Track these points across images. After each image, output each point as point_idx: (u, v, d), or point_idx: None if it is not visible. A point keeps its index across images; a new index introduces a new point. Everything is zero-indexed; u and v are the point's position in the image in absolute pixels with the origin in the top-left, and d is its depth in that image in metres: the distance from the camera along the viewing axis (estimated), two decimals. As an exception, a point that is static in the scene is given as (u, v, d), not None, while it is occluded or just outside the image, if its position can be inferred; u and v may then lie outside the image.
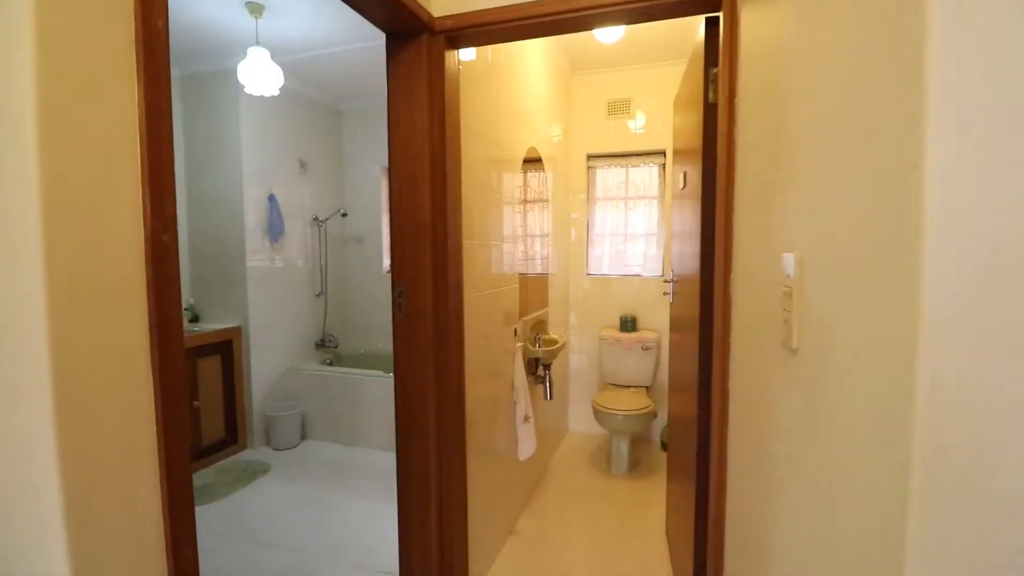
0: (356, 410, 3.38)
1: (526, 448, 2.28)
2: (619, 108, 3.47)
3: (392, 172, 1.66)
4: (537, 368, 2.63)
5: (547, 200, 3.09)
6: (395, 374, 1.72)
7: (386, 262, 4.17)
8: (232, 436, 3.29)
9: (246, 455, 3.28)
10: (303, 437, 3.52)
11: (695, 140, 1.62)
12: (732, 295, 1.25)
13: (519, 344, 2.37)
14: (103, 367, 0.72)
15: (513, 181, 2.46)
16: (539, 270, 2.98)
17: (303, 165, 3.76)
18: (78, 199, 0.68)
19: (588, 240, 3.65)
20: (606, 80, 3.48)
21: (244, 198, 3.27)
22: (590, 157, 3.59)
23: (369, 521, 2.46)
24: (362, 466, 3.12)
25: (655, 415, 2.96)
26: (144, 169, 0.74)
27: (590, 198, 3.64)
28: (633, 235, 3.57)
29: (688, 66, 1.78)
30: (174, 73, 3.32)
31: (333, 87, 3.81)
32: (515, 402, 2.27)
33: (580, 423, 3.65)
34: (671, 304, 2.15)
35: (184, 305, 3.32)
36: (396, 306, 1.65)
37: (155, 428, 0.80)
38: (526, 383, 2.31)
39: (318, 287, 3.92)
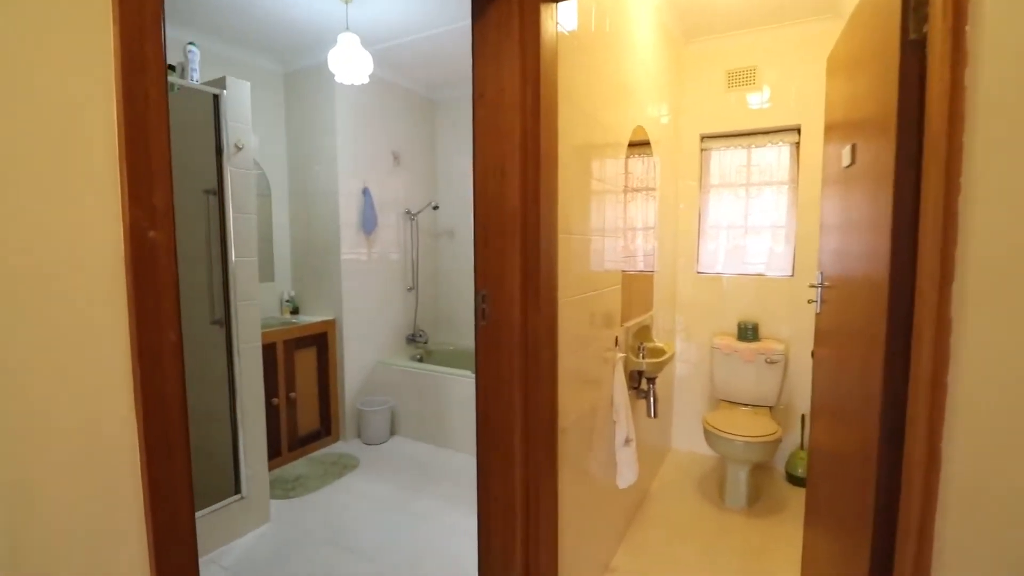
0: (445, 410, 3.27)
1: (627, 475, 1.98)
2: (741, 79, 2.98)
3: (477, 153, 1.43)
4: (640, 381, 2.30)
5: (653, 188, 2.71)
6: (477, 389, 1.51)
7: (477, 256, 4.02)
8: (326, 428, 3.33)
9: (338, 447, 3.31)
10: (392, 432, 3.49)
11: (871, 104, 1.21)
12: (953, 314, 0.85)
13: (620, 355, 2.06)
14: (53, 416, 0.52)
15: (616, 166, 2.13)
16: (642, 267, 2.62)
17: (396, 157, 3.71)
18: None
19: (700, 233, 3.20)
20: (726, 47, 3.00)
21: (339, 191, 3.27)
22: (704, 138, 3.13)
23: (452, 536, 2.30)
24: (449, 470, 2.99)
25: (780, 441, 2.49)
26: (121, 145, 0.55)
27: (703, 185, 3.19)
28: (756, 228, 3.07)
29: (857, 8, 1.36)
30: (277, 69, 3.40)
31: (425, 75, 3.70)
32: (614, 422, 1.97)
33: (685, 440, 3.24)
34: (818, 313, 1.71)
35: (286, 297, 3.41)
36: (479, 313, 1.42)
37: (141, 499, 0.59)
38: (628, 400, 2.00)
39: (409, 281, 3.87)
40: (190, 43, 2.40)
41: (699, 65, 3.08)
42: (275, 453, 2.98)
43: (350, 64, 2.44)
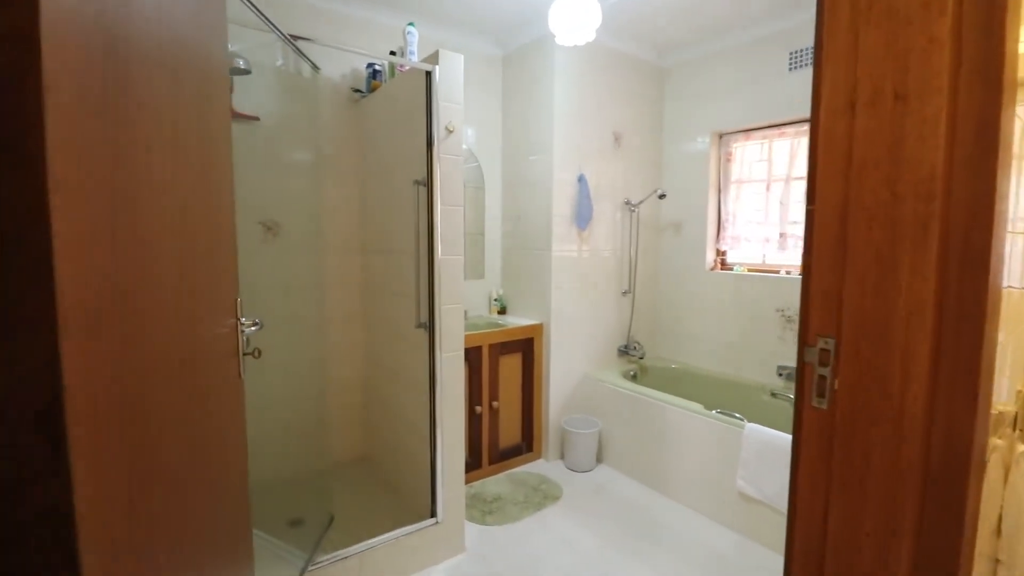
0: (663, 447, 2.64)
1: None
2: None
3: (825, 62, 0.77)
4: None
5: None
6: (790, 525, 0.87)
7: (709, 256, 3.25)
8: (528, 443, 3.01)
9: (540, 467, 2.96)
10: (599, 459, 3.01)
11: None
12: None
13: None
14: None
15: None
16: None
17: (617, 138, 3.17)
18: None
19: None
20: None
21: (553, 179, 2.88)
22: None
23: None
24: (670, 527, 2.37)
25: None
26: None
27: None
28: None
29: None
30: (495, 53, 3.17)
31: (657, 35, 3.07)
32: None
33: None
34: None
35: (494, 296, 3.19)
36: (806, 381, 0.78)
37: None
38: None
39: (625, 283, 3.31)
40: (409, 24, 2.24)
41: None
42: (475, 465, 2.77)
43: (573, 18, 1.98)
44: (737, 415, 2.48)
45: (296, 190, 2.54)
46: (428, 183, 1.94)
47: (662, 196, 3.11)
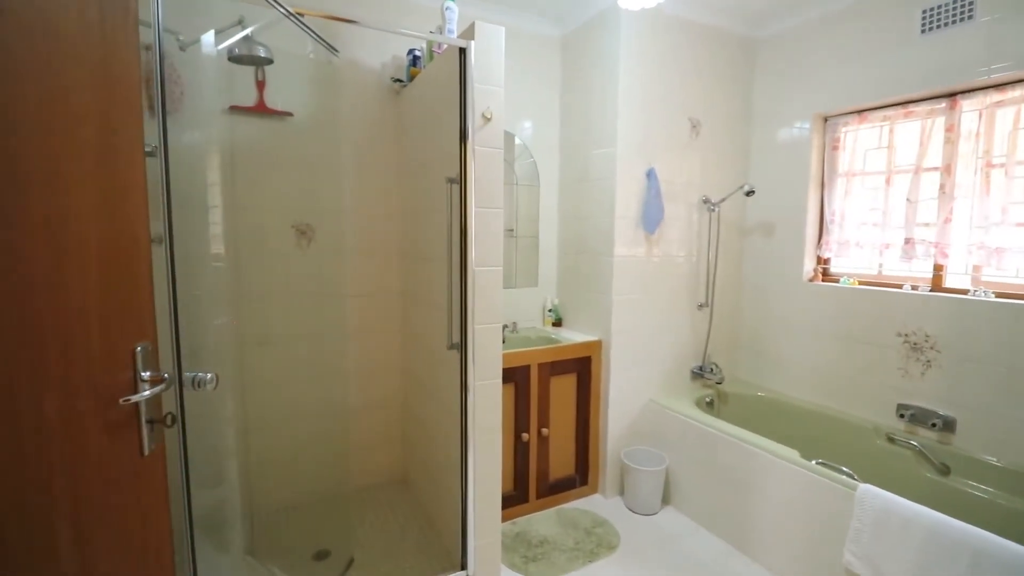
0: (748, 497, 2.18)
1: None
2: None
3: None
4: None
5: None
6: None
7: (808, 264, 2.71)
8: (582, 475, 2.65)
9: (595, 504, 2.59)
10: (665, 501, 2.59)
11: None
12: None
13: None
14: None
15: None
16: None
17: (695, 126, 2.72)
18: None
19: None
20: None
21: (617, 173, 2.50)
22: None
23: None
24: (752, 600, 1.92)
25: None
26: None
27: None
28: None
29: None
30: (553, 33, 2.83)
31: (743, 2, 2.58)
32: None
33: None
34: None
35: (548, 306, 2.86)
36: None
37: None
38: None
39: (701, 295, 2.85)
40: (447, 2, 1.96)
41: None
42: (521, 499, 2.45)
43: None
44: (845, 469, 1.98)
45: (332, 191, 2.35)
46: (461, 181, 1.64)
47: (750, 193, 2.62)
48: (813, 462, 2.00)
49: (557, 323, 2.92)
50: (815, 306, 2.65)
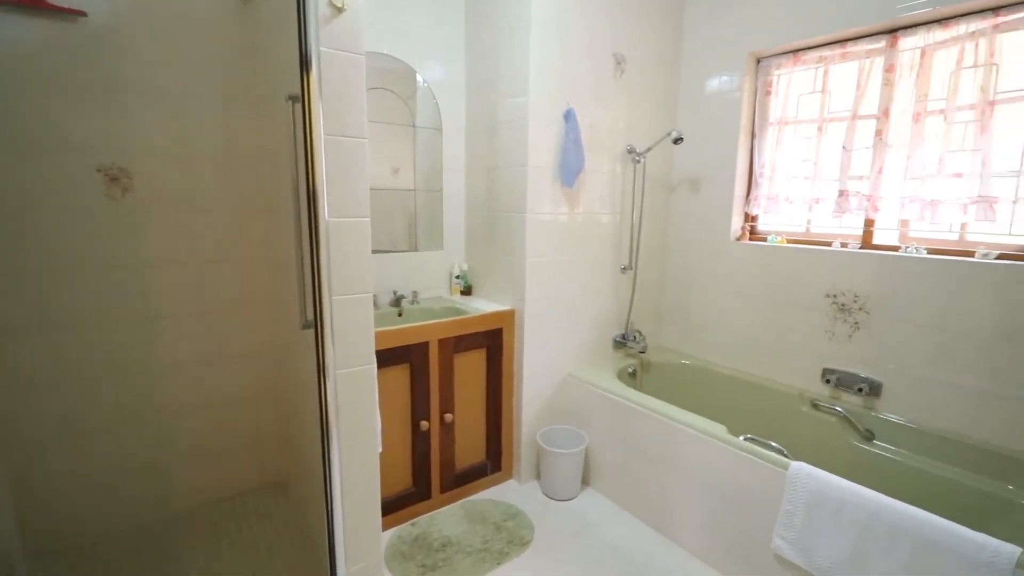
0: (672, 476, 1.97)
1: None
2: None
3: None
4: None
5: None
6: None
7: (735, 221, 2.50)
8: (495, 461, 2.35)
9: (509, 493, 2.31)
10: (585, 482, 2.35)
11: None
12: None
13: None
14: None
15: None
16: None
17: (619, 63, 2.37)
18: None
19: None
20: None
21: (529, 116, 2.11)
22: None
23: None
24: (675, 595, 1.72)
25: None
26: None
27: None
28: None
29: None
30: (455, -58, 2.35)
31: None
32: None
33: None
34: None
35: (456, 272, 2.47)
36: None
37: None
38: None
39: (625, 258, 2.58)
40: None
41: None
42: (422, 495, 2.11)
43: None
44: (775, 445, 1.80)
45: (158, 125, 1.79)
46: (303, 96, 1.19)
47: (677, 140, 2.33)
48: (741, 438, 1.80)
49: (466, 291, 2.55)
50: (742, 267, 2.45)
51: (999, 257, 1.76)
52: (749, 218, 2.52)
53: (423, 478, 2.10)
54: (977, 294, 1.77)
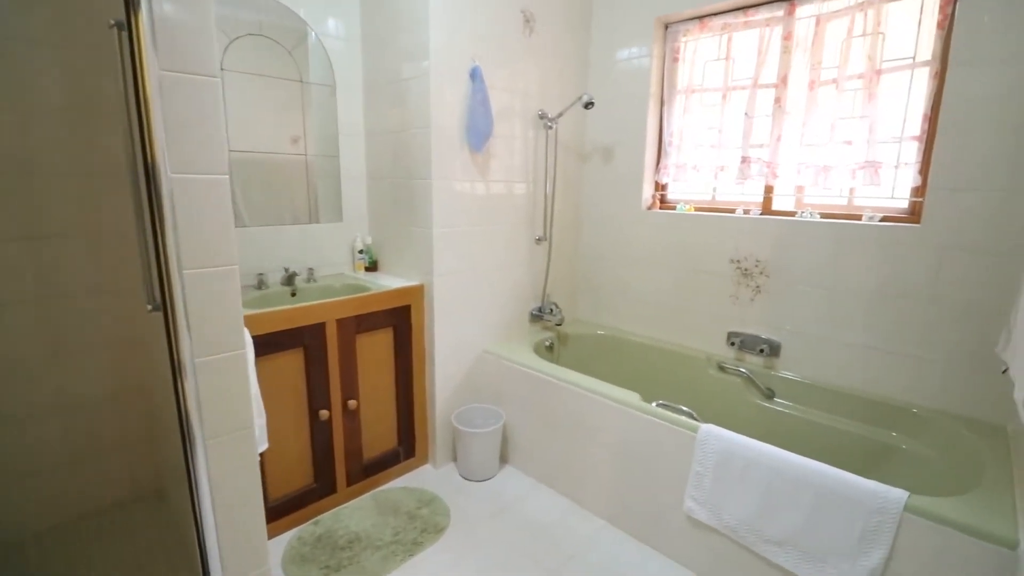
0: (589, 447, 1.94)
1: None
2: None
3: None
4: None
5: None
6: None
7: (647, 190, 2.50)
8: (407, 447, 2.21)
9: (425, 478, 2.19)
10: (504, 460, 2.28)
11: None
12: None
13: None
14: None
15: None
16: None
17: (528, 20, 2.24)
18: None
19: None
20: None
21: (431, 74, 1.93)
22: None
23: None
24: (595, 559, 1.70)
25: None
26: None
27: None
28: None
29: None
30: None
31: None
32: None
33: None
34: None
35: (359, 246, 2.26)
36: None
37: None
38: None
39: (539, 228, 2.49)
40: None
41: None
42: (326, 490, 1.93)
43: None
44: (685, 409, 1.81)
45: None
46: (128, 22, 0.94)
47: (589, 105, 2.25)
48: (654, 404, 1.80)
49: (372, 267, 2.35)
50: (653, 236, 2.46)
51: (883, 220, 1.86)
52: (659, 187, 2.52)
53: (326, 472, 1.92)
54: (862, 256, 1.86)
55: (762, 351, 2.14)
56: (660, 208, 2.51)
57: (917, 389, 1.80)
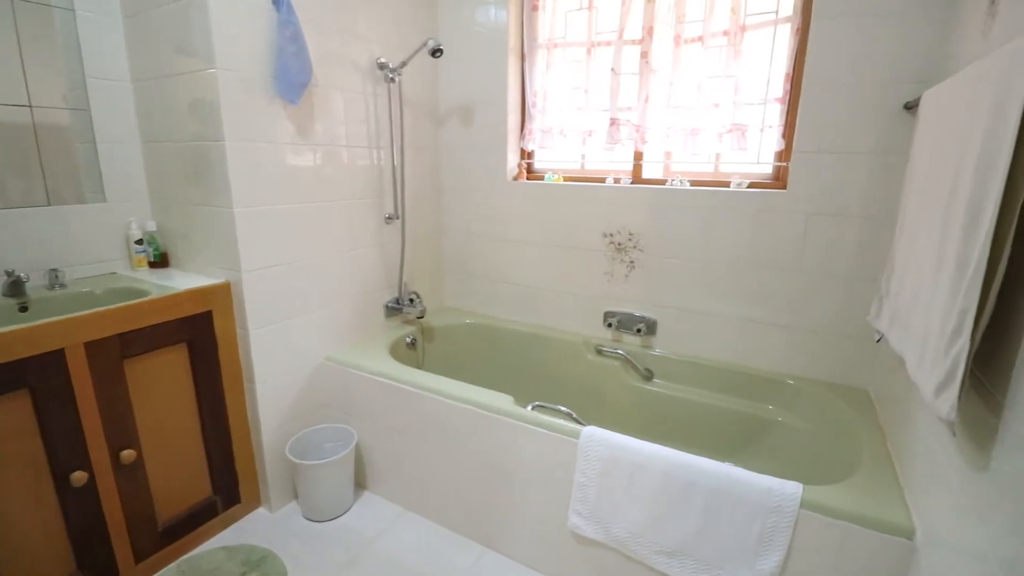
0: (461, 464, 1.63)
1: None
2: None
3: None
4: None
5: None
6: None
7: (512, 159, 2.21)
8: (228, 492, 1.71)
9: (257, 527, 1.71)
10: (361, 485, 1.89)
11: None
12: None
13: None
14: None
15: None
16: None
17: (352, -60, 1.77)
18: None
19: None
20: None
21: (210, 6, 1.39)
22: None
23: None
24: (469, 612, 1.41)
25: None
26: None
27: None
28: None
29: None
30: None
31: None
32: None
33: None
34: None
35: (137, 234, 1.66)
36: None
37: None
38: None
39: (388, 205, 2.08)
40: None
41: None
42: (100, 575, 1.38)
43: None
44: (564, 409, 1.58)
45: None
46: None
47: (436, 52, 1.87)
48: (529, 407, 1.54)
49: (160, 262, 1.76)
50: (521, 210, 2.19)
51: (750, 186, 1.77)
52: (525, 154, 2.25)
53: (93, 554, 1.36)
54: (732, 225, 1.77)
55: (639, 330, 2.00)
56: (527, 178, 2.25)
57: (791, 359, 1.77)
